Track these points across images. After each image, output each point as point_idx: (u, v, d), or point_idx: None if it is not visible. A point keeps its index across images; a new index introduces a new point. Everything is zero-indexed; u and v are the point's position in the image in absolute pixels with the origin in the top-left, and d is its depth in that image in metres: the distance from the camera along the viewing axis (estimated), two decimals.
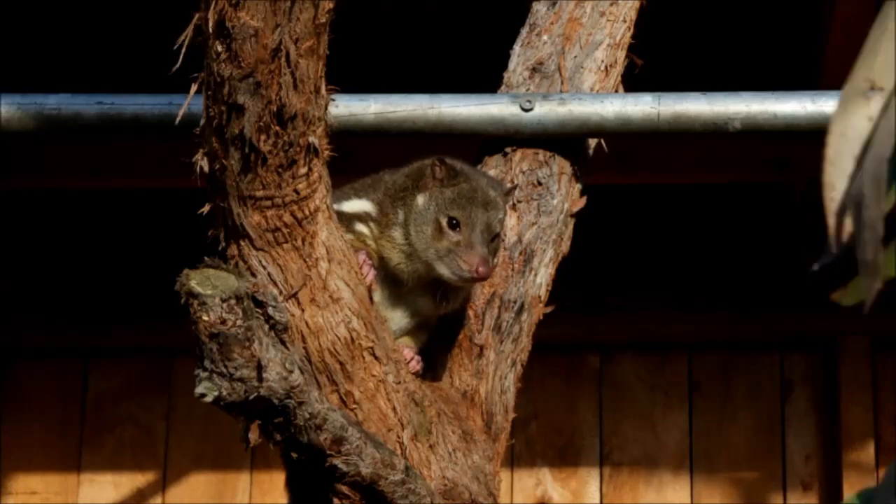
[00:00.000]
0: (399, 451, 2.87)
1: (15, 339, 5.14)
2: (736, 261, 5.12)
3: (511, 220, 3.20)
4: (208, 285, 2.52)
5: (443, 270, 2.96)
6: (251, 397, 2.58)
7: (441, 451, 2.96)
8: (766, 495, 5.01)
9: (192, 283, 2.52)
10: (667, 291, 5.11)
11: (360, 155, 4.23)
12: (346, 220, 2.98)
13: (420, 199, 3.01)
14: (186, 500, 5.06)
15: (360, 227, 3.02)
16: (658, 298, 5.10)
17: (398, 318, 3.02)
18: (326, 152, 2.77)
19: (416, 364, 3.00)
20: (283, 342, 2.65)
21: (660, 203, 5.13)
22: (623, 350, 5.13)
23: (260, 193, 2.71)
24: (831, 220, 1.43)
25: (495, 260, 3.11)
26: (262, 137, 2.66)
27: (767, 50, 4.81)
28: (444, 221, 2.97)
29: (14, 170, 4.65)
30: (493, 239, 3.01)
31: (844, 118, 1.46)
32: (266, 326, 2.61)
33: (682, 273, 5.12)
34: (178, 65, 2.67)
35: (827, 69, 4.49)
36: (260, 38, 2.60)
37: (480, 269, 2.93)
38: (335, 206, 2.89)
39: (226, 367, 2.55)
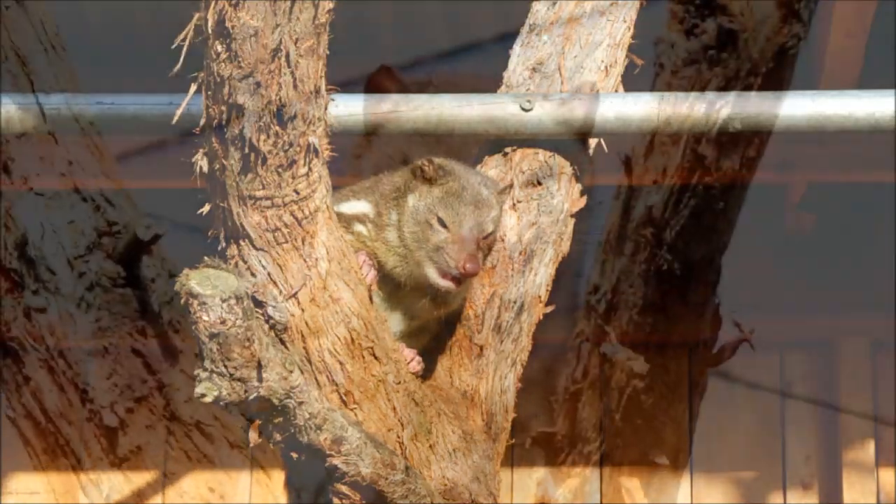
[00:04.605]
0: (399, 451, 2.87)
1: (15, 338, 5.13)
2: (735, 261, 5.12)
3: (511, 220, 3.20)
4: (208, 285, 2.52)
5: (430, 271, 2.96)
6: (251, 397, 2.58)
7: (441, 451, 2.96)
8: (766, 495, 5.01)
9: (192, 283, 2.52)
10: (666, 291, 5.10)
11: (361, 155, 4.24)
12: (346, 221, 2.99)
13: (411, 200, 3.01)
14: (186, 500, 5.06)
15: (360, 228, 3.02)
16: (658, 298, 5.09)
17: (397, 321, 3.02)
18: (326, 152, 2.77)
19: (416, 364, 3.00)
20: (283, 342, 2.65)
21: (660, 203, 5.12)
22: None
23: (260, 193, 2.72)
24: None
25: (489, 258, 3.10)
26: (262, 137, 2.66)
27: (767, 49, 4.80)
28: (432, 220, 2.97)
29: (14, 170, 4.65)
30: (487, 237, 3.00)
31: None
32: (266, 326, 2.61)
33: (682, 273, 5.12)
34: (178, 66, 2.67)
35: (827, 69, 4.49)
36: (260, 38, 2.60)
37: (468, 266, 2.93)
38: (334, 208, 2.89)
39: (226, 367, 2.55)
